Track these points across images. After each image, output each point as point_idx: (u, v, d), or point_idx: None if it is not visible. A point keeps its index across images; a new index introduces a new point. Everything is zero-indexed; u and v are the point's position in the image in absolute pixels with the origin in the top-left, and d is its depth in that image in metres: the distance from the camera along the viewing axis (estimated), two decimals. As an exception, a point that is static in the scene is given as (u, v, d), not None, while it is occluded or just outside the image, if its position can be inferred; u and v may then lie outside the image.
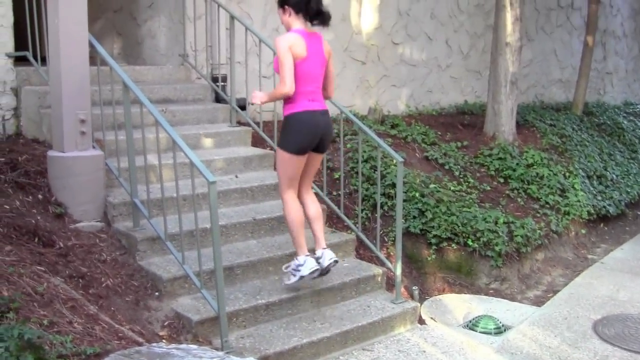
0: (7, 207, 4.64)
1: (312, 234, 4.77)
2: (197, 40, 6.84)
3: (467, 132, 8.32)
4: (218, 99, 6.87)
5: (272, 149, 6.24)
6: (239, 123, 6.53)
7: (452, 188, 6.85)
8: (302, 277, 4.60)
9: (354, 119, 5.53)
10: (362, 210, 6.16)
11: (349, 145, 6.89)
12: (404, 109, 8.84)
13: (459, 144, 7.90)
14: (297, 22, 4.54)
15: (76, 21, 4.76)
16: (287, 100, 4.50)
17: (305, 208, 4.77)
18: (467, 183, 7.16)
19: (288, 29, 4.58)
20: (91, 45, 4.91)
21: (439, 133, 8.08)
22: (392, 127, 7.84)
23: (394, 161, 5.61)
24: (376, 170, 6.23)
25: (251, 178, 5.84)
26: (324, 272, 4.69)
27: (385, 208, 6.27)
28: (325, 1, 4.69)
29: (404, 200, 6.29)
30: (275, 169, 5.30)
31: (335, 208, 5.76)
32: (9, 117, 5.83)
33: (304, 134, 4.51)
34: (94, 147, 5.05)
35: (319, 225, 4.75)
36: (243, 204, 5.61)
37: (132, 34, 7.76)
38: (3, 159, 5.04)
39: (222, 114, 6.50)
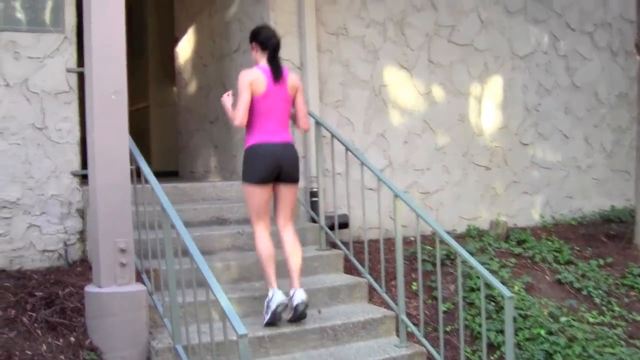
0: (30, 352, 4.01)
1: (287, 271, 4.66)
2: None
3: (612, 246, 6.91)
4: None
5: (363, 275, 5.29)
6: (333, 245, 5.68)
7: (590, 320, 5.52)
8: (273, 313, 4.45)
9: (449, 239, 4.50)
10: (475, 353, 4.98)
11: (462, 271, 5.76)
12: (538, 219, 7.59)
13: (602, 262, 6.51)
14: (262, 59, 4.75)
15: (113, 133, 4.16)
16: (246, 133, 4.69)
17: (282, 242, 4.75)
18: (611, 313, 5.77)
19: (256, 64, 4.78)
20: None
21: (577, 248, 6.74)
22: (518, 243, 6.65)
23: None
24: (492, 301, 5.12)
25: (336, 313, 4.92)
26: (297, 315, 4.55)
27: (503, 350, 5.04)
28: (430, 99, 4.23)
29: (527, 339, 5.06)
30: (369, 300, 5.20)
31: (435, 353, 4.64)
32: (73, 242, 5.38)
33: (258, 164, 4.59)
34: (138, 281, 4.34)
35: (294, 263, 4.65)
36: (323, 346, 4.68)
37: (227, 146, 7.23)
38: (41, 293, 4.46)
39: (311, 235, 5.68)
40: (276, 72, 4.68)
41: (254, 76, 4.62)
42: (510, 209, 7.48)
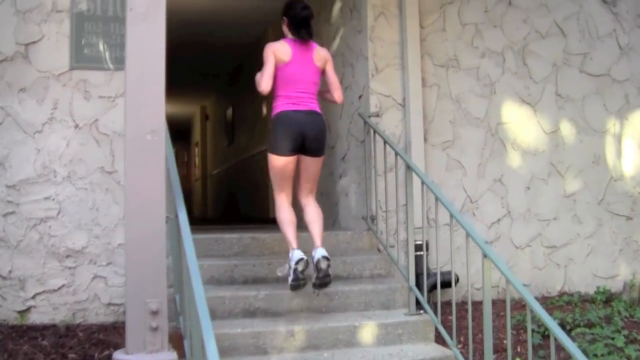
0: None
1: (310, 236, 4.64)
2: (388, 199, 5.41)
3: None
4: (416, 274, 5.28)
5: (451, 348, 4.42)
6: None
7: None
8: (291, 268, 4.42)
9: (540, 310, 3.50)
10: None
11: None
12: (694, 278, 6.32)
13: None
14: (289, 33, 4.83)
15: (148, 176, 3.65)
16: (273, 102, 4.77)
17: (304, 212, 4.75)
18: None
19: (285, 37, 4.86)
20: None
21: None
22: (659, 312, 5.45)
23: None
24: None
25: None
26: (320, 274, 4.43)
27: None
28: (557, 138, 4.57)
29: None
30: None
31: None
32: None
33: (282, 133, 4.61)
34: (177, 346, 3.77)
35: (316, 228, 4.64)
36: None
37: (331, 192, 6.62)
38: (74, 355, 4.01)
39: (402, 296, 4.88)
40: (301, 42, 4.76)
41: (277, 46, 4.73)
42: (658, 267, 6.27)
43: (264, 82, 4.64)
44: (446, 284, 4.95)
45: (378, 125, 5.58)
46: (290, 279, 4.42)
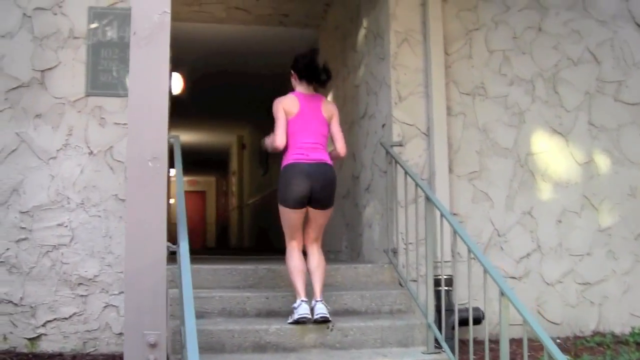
0: None
1: (312, 284, 4.62)
2: (410, 231, 5.21)
3: None
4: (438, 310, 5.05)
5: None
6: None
7: None
8: (296, 322, 4.43)
9: (545, 338, 3.23)
10: None
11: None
12: None
13: None
14: (299, 86, 4.85)
15: (149, 204, 3.56)
16: (282, 155, 4.75)
17: (307, 259, 4.75)
18: None
19: (292, 90, 4.88)
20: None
21: None
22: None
23: None
24: None
25: None
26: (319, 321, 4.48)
27: None
28: (591, 170, 5.03)
29: None
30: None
31: None
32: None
33: (291, 186, 4.60)
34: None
35: (317, 277, 4.63)
36: None
37: (356, 223, 6.45)
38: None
39: (420, 334, 4.65)
40: (309, 95, 4.80)
41: (285, 100, 4.76)
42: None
43: (278, 138, 4.67)
44: (475, 321, 4.70)
45: (401, 155, 5.41)
46: (291, 319, 4.48)
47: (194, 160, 20.97)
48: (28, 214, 4.90)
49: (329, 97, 7.74)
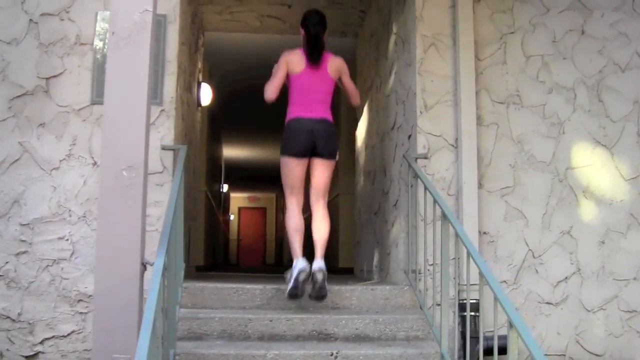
0: None
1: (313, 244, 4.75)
2: (433, 251, 4.80)
3: None
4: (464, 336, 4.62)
5: None
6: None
7: None
8: (292, 277, 4.50)
9: None
10: None
11: None
12: None
13: None
14: (305, 42, 4.92)
15: (122, 216, 3.29)
16: (287, 109, 4.90)
17: (312, 218, 4.84)
18: None
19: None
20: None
21: None
22: None
23: None
24: None
25: None
26: (316, 287, 4.52)
27: None
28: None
29: None
30: None
31: None
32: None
33: (293, 138, 4.78)
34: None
35: (319, 238, 4.75)
36: None
37: (385, 241, 6.07)
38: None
39: (438, 363, 4.22)
40: (312, 54, 4.86)
41: (291, 56, 4.89)
42: None
43: (269, 90, 4.84)
44: (501, 350, 4.23)
45: (426, 169, 5.02)
46: (289, 285, 4.49)
47: (252, 176, 20.87)
48: (28, 227, 4.72)
49: (365, 108, 7.40)
